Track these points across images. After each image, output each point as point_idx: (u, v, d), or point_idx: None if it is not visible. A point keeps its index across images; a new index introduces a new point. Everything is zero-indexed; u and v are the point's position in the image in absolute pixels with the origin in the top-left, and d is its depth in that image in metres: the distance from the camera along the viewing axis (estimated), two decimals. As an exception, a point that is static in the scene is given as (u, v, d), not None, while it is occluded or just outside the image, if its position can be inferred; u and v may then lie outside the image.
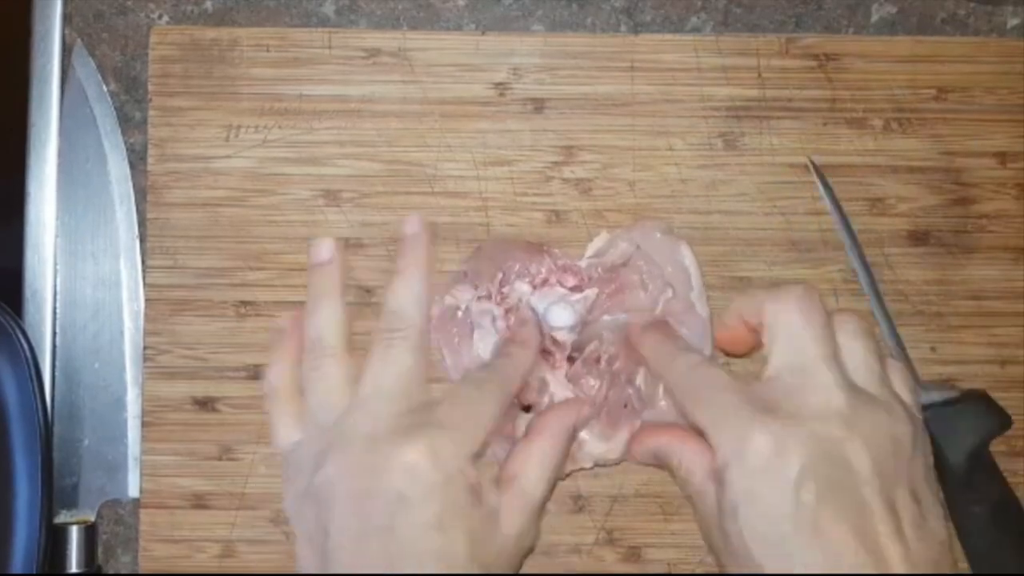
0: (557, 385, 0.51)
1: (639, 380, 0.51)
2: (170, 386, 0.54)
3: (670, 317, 0.52)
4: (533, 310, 0.52)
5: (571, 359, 0.52)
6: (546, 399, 0.51)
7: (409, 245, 0.52)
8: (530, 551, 0.49)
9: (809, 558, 0.41)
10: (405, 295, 0.50)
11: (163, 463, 0.54)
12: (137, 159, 0.56)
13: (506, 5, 0.57)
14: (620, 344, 0.52)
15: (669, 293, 0.52)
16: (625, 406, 0.51)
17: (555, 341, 0.52)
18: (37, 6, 0.56)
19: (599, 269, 0.52)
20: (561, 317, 0.52)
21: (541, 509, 0.48)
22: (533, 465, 0.48)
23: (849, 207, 0.54)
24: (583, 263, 0.53)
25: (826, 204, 0.53)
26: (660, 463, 0.48)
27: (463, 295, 0.52)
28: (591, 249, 0.53)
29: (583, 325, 0.52)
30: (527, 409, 0.51)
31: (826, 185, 0.53)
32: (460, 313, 0.52)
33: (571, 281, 0.52)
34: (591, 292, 0.52)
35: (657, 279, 0.52)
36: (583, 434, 0.51)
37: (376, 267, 0.54)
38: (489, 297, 0.52)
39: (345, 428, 0.47)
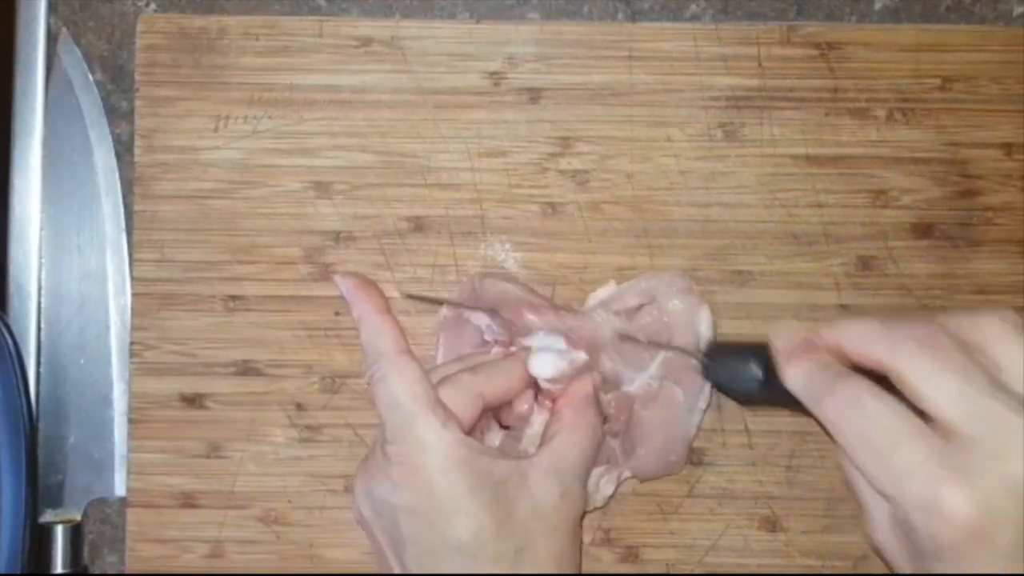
0: (540, 424, 0.50)
1: (620, 435, 0.51)
2: (157, 382, 0.53)
3: (670, 372, 0.50)
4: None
5: None
6: (527, 430, 0.50)
7: (352, 300, 0.49)
8: (579, 516, 0.47)
9: None
10: (374, 337, 0.48)
11: (150, 461, 0.53)
12: (124, 150, 0.55)
13: (501, -7, 0.56)
14: (617, 405, 0.50)
15: (671, 354, 0.50)
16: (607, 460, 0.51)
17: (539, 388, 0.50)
18: (22, -6, 0.55)
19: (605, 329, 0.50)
20: (542, 367, 0.49)
21: (577, 478, 0.47)
22: (566, 428, 0.47)
23: (852, 199, 0.54)
24: (588, 317, 0.51)
25: None
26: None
27: (477, 318, 0.51)
28: (594, 299, 0.52)
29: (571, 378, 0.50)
30: (505, 428, 0.50)
31: None
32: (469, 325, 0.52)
33: (570, 337, 0.50)
34: (582, 355, 0.50)
35: (662, 336, 0.50)
36: None
37: (368, 261, 0.53)
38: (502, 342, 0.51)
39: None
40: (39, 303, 0.54)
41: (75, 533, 0.54)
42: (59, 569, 0.53)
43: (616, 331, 0.50)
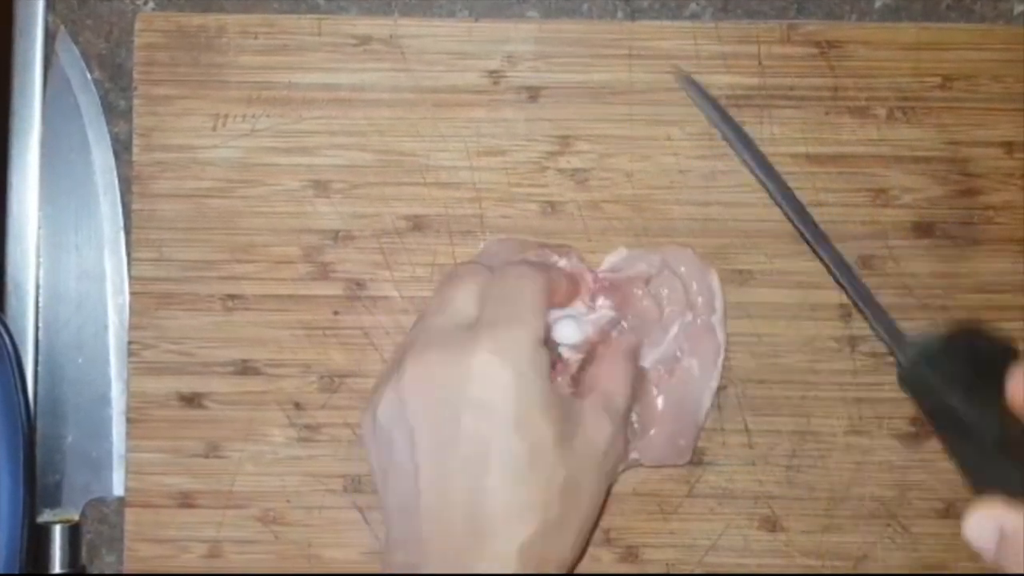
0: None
1: (634, 413, 0.51)
2: (156, 382, 0.53)
3: (685, 342, 0.51)
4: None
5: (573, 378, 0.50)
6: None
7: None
8: (614, 474, 0.48)
9: None
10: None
11: (148, 460, 0.53)
12: (122, 149, 0.55)
13: (500, -9, 0.56)
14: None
15: (689, 317, 0.51)
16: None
17: (560, 356, 0.50)
18: (19, -8, 0.55)
19: (615, 283, 0.51)
20: (566, 333, 0.49)
21: (623, 424, 0.47)
22: (613, 373, 0.47)
23: (852, 198, 0.53)
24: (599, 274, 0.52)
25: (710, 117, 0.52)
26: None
27: None
28: (606, 263, 0.52)
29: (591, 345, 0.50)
30: None
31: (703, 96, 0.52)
32: None
33: (586, 296, 0.51)
34: (604, 313, 0.50)
35: (679, 302, 0.51)
36: None
37: (367, 260, 0.53)
38: None
39: (416, 340, 0.46)
40: (37, 302, 0.54)
41: (73, 533, 0.54)
42: (57, 569, 0.53)
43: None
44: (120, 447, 0.54)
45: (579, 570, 0.52)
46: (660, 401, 0.51)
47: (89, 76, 0.55)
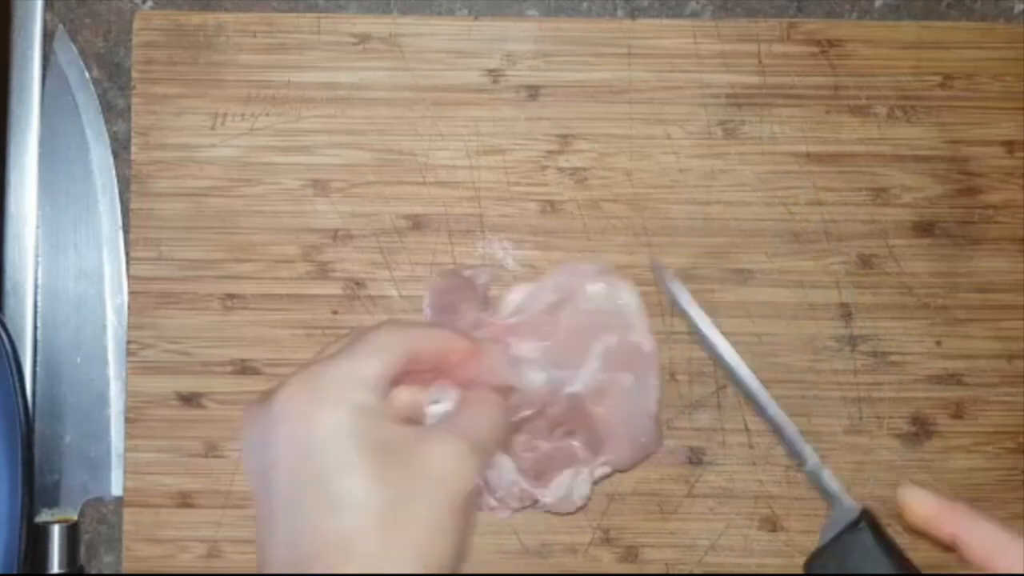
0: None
1: (578, 439, 0.50)
2: (154, 381, 0.53)
3: (615, 361, 0.50)
4: None
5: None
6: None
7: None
8: (466, 493, 0.43)
9: None
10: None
11: (147, 460, 0.53)
12: (120, 148, 0.55)
13: (500, -10, 0.56)
14: (563, 409, 0.49)
15: (613, 340, 0.50)
16: (569, 461, 0.50)
17: None
18: (17, -9, 0.55)
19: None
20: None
21: (475, 446, 0.43)
22: (466, 405, 0.46)
23: (852, 197, 0.53)
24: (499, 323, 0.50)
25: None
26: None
27: None
28: (509, 305, 0.50)
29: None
30: None
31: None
32: None
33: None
34: None
35: (594, 323, 0.50)
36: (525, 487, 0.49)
37: (366, 259, 0.53)
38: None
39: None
40: (35, 301, 0.54)
41: (71, 533, 0.53)
42: (55, 569, 0.53)
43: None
44: (119, 447, 0.53)
45: (577, 570, 0.52)
46: (604, 417, 0.50)
47: (87, 75, 0.55)
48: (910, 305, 0.53)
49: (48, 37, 0.55)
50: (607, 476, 0.51)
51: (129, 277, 0.53)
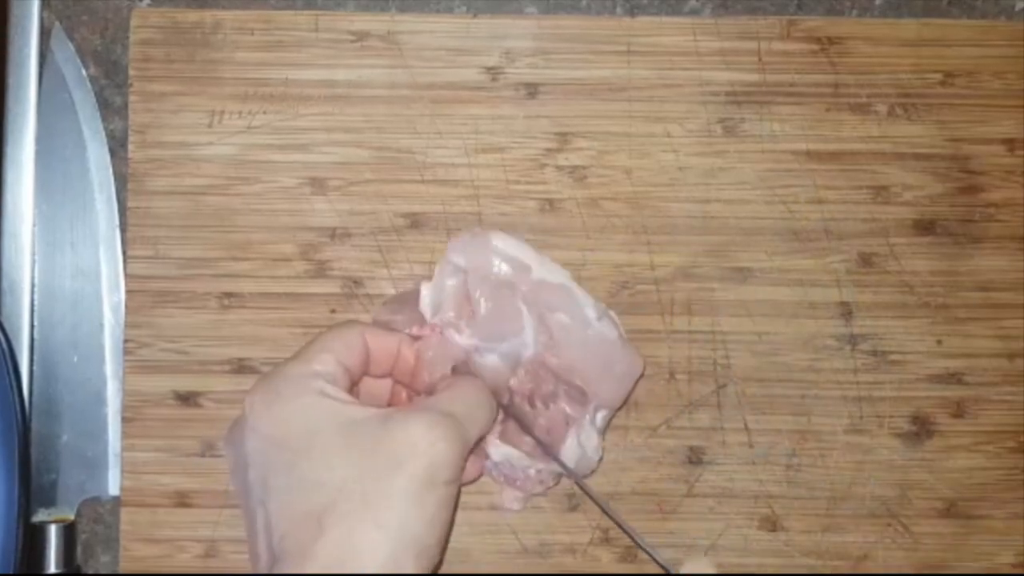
0: (492, 448, 0.50)
1: (562, 398, 0.50)
2: (151, 380, 0.53)
3: (537, 306, 0.49)
4: None
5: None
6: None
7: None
8: (442, 474, 0.43)
9: None
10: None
11: (144, 460, 0.53)
12: (117, 146, 0.54)
13: (499, -13, 0.55)
14: (530, 373, 0.50)
15: (523, 287, 0.49)
16: (567, 423, 0.50)
17: None
18: (14, -12, 0.55)
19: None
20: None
21: (455, 422, 0.43)
22: (446, 385, 0.47)
23: (853, 195, 0.53)
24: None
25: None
26: None
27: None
28: (427, 308, 0.49)
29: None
30: None
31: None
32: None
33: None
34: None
35: (500, 283, 0.49)
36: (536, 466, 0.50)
37: (364, 258, 0.53)
38: None
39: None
40: (32, 300, 0.54)
41: (68, 533, 0.53)
42: (52, 569, 0.53)
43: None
44: (116, 446, 0.53)
45: (576, 570, 0.52)
46: (568, 367, 0.49)
47: (84, 72, 0.54)
48: (911, 304, 0.53)
49: (45, 34, 0.54)
50: (609, 421, 0.51)
51: (126, 276, 0.53)
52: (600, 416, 0.51)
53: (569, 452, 0.50)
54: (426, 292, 0.50)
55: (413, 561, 0.41)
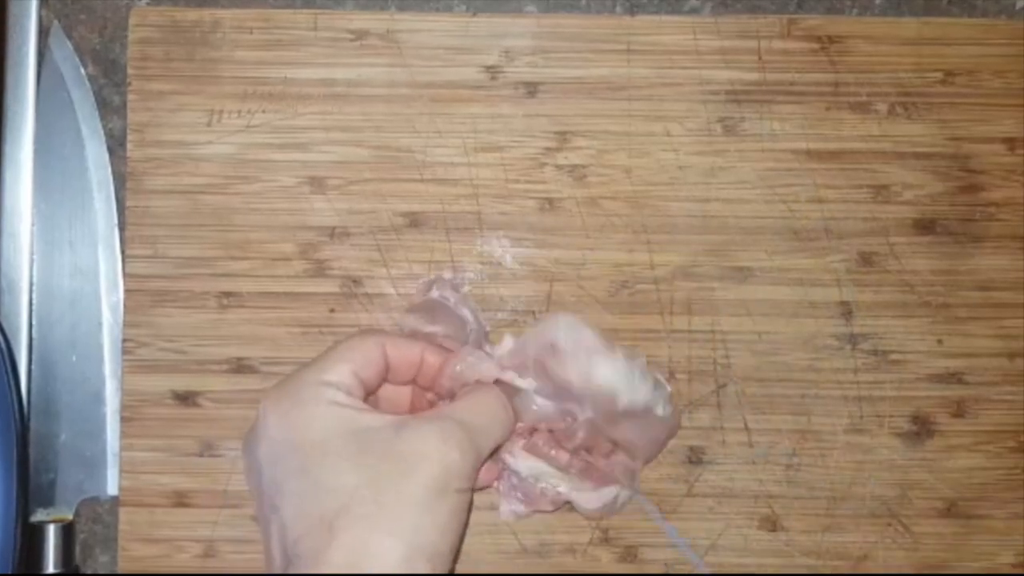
0: (518, 460, 0.50)
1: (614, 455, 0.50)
2: (150, 380, 0.52)
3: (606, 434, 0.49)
4: None
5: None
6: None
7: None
8: (455, 480, 0.43)
9: None
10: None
11: (143, 459, 0.52)
12: (116, 145, 0.54)
13: (498, -14, 0.55)
14: (588, 432, 0.49)
15: (589, 413, 0.48)
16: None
17: None
18: (12, -14, 0.54)
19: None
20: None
21: (471, 434, 0.44)
22: (463, 394, 0.47)
23: (853, 194, 0.53)
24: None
25: None
26: None
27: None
28: (502, 352, 0.49)
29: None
30: None
31: None
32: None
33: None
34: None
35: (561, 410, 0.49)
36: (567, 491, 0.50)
37: (364, 257, 0.53)
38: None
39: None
40: (30, 299, 0.54)
41: (67, 532, 0.53)
42: (50, 569, 0.53)
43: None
44: (114, 446, 0.53)
45: (576, 570, 0.52)
46: (624, 438, 0.49)
47: (83, 71, 0.54)
48: (911, 303, 0.53)
49: (43, 33, 0.54)
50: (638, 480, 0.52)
51: (125, 275, 0.53)
52: (638, 467, 0.51)
53: (604, 496, 0.50)
54: (508, 343, 0.49)
55: (426, 565, 0.41)
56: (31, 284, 0.54)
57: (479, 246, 0.53)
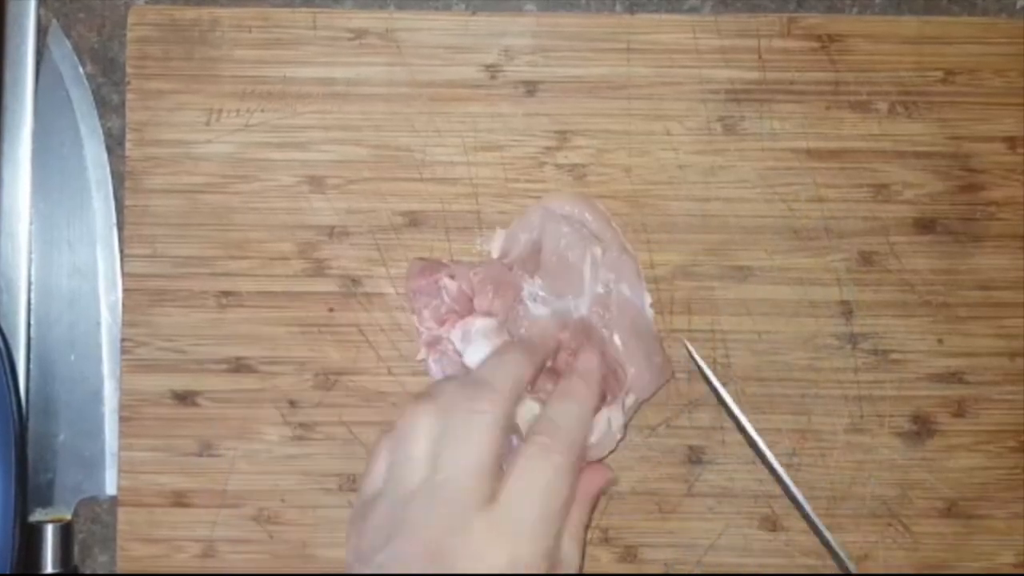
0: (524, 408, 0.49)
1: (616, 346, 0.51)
2: (149, 379, 0.52)
3: (609, 272, 0.51)
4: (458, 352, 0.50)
5: None
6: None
7: (584, 376, 0.48)
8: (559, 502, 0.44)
9: None
10: (573, 413, 0.47)
11: (141, 459, 0.52)
12: (115, 144, 0.54)
13: (498, -15, 0.55)
14: (578, 334, 0.50)
15: (598, 250, 0.51)
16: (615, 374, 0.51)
17: None
18: (11, -15, 0.54)
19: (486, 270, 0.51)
20: (479, 353, 0.49)
21: (563, 461, 0.45)
22: (557, 402, 0.47)
23: (853, 194, 0.53)
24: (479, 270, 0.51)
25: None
26: None
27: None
28: (495, 250, 0.52)
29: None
30: None
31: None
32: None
33: (472, 306, 0.51)
34: (491, 321, 0.50)
35: (577, 243, 0.51)
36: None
37: (363, 256, 0.52)
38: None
39: (416, 510, 0.43)
40: (29, 299, 0.53)
41: (65, 532, 0.53)
42: (49, 569, 0.53)
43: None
44: (113, 445, 0.53)
45: (576, 569, 0.52)
46: (617, 339, 0.50)
47: (81, 70, 0.54)
48: (911, 303, 0.53)
49: (42, 32, 0.54)
50: (634, 411, 0.51)
51: (123, 274, 0.53)
52: (630, 399, 0.50)
53: (596, 426, 0.49)
54: (500, 235, 0.51)
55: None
56: (29, 284, 0.54)
57: (478, 245, 0.53)
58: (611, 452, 0.50)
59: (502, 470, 0.44)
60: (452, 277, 0.51)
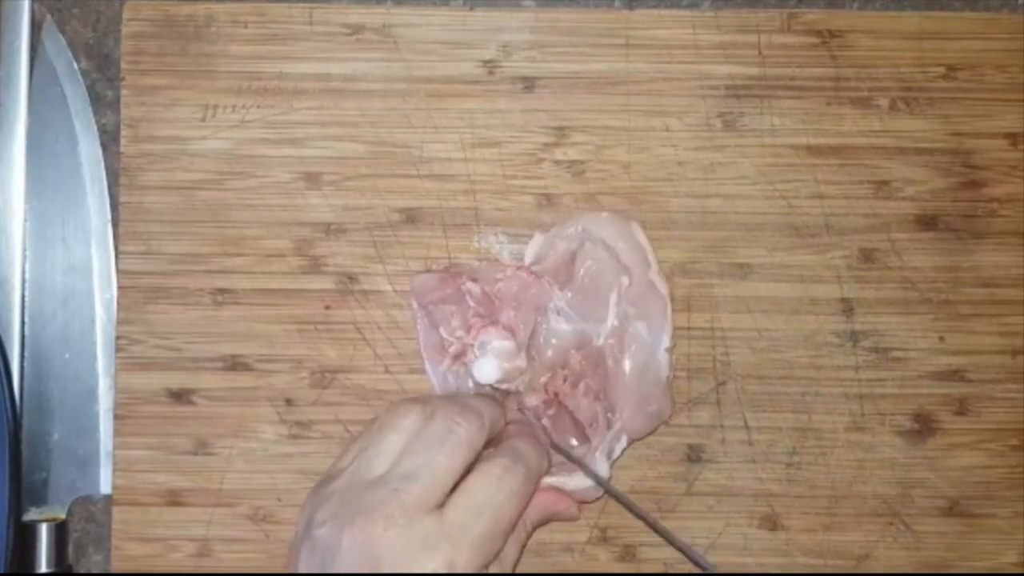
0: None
1: (599, 402, 0.50)
2: (144, 377, 0.52)
3: (630, 306, 0.50)
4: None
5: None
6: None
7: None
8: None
9: None
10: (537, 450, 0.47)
11: (136, 458, 0.52)
12: (109, 140, 0.54)
13: (495, -20, 0.55)
14: (588, 360, 0.50)
15: (625, 281, 0.50)
16: (589, 425, 0.50)
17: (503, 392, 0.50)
18: (5, -20, 0.54)
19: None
20: (484, 373, 0.49)
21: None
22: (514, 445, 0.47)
23: (854, 190, 0.53)
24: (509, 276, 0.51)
25: None
26: None
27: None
28: (529, 255, 0.52)
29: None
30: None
31: None
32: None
33: (495, 310, 0.50)
34: (511, 344, 0.50)
35: (609, 269, 0.50)
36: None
37: (359, 253, 0.52)
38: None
39: (369, 498, 0.43)
40: (23, 296, 0.53)
41: (59, 531, 0.53)
42: (43, 568, 0.52)
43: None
44: (107, 444, 0.53)
45: (574, 569, 0.52)
46: (619, 377, 0.50)
47: (76, 66, 0.54)
48: (912, 300, 0.52)
49: (36, 28, 0.54)
50: (623, 451, 0.51)
51: (118, 271, 0.53)
52: (622, 440, 0.50)
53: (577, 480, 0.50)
54: (538, 240, 0.51)
55: None
56: (24, 281, 0.53)
57: (476, 242, 0.53)
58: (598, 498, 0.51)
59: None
60: (475, 280, 0.50)
